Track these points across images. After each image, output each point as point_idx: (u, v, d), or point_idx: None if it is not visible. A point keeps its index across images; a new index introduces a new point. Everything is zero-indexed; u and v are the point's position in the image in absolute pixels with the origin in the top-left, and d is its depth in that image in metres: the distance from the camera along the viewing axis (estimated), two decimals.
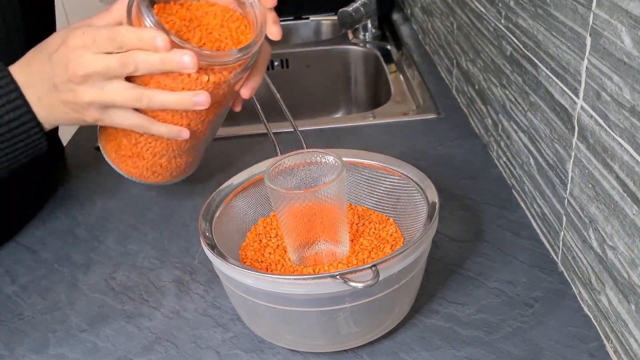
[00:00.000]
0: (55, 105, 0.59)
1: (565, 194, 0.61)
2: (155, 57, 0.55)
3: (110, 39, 0.55)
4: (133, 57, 0.55)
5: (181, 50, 0.55)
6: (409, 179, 0.61)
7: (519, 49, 0.71)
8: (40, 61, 0.58)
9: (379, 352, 0.56)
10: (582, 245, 0.58)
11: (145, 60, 0.55)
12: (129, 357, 0.58)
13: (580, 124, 0.56)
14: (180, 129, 0.60)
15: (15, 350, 0.60)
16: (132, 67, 0.55)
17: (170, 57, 0.55)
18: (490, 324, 0.58)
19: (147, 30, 0.55)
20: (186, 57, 0.54)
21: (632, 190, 0.48)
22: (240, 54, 0.57)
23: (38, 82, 0.58)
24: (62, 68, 0.56)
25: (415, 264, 0.53)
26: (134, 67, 0.55)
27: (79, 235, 0.75)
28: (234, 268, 0.52)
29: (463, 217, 0.73)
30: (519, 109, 0.72)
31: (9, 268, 0.71)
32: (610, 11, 0.48)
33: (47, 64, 0.57)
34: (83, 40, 0.56)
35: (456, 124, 0.95)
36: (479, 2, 0.85)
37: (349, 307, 0.51)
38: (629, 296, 0.50)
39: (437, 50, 1.15)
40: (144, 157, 0.65)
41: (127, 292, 0.66)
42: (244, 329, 0.60)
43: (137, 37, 0.55)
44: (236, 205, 0.63)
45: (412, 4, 1.37)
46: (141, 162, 0.66)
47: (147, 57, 0.55)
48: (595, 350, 0.55)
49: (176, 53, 0.54)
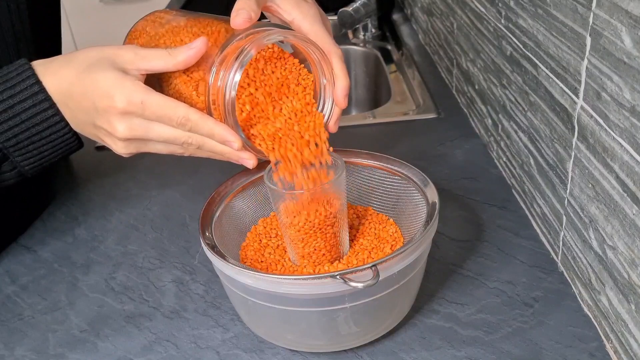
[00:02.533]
0: (88, 132, 0.57)
1: (565, 194, 0.61)
2: (220, 149, 0.53)
3: (180, 124, 0.52)
4: (200, 142, 0.53)
5: (247, 154, 0.53)
6: (409, 179, 0.61)
7: (519, 49, 0.71)
8: (81, 97, 0.54)
9: (379, 352, 0.56)
10: (582, 245, 0.58)
11: (211, 147, 0.53)
12: (129, 357, 0.58)
13: (580, 124, 0.56)
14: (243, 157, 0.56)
15: (15, 350, 0.60)
16: (194, 148, 0.54)
17: (236, 155, 0.53)
18: (490, 324, 0.58)
19: (223, 129, 0.52)
20: (250, 161, 0.54)
21: (632, 190, 0.48)
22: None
23: (76, 110, 0.55)
24: (107, 123, 0.53)
25: (415, 264, 0.53)
26: (196, 149, 0.54)
27: (79, 235, 0.75)
28: (234, 268, 0.52)
29: (463, 217, 0.73)
30: (519, 109, 0.72)
31: (9, 268, 0.71)
32: (610, 11, 0.48)
33: (91, 107, 0.54)
34: (142, 110, 0.52)
35: (456, 124, 0.95)
36: (479, 2, 0.85)
37: (349, 307, 0.51)
38: (629, 296, 0.50)
39: (437, 50, 1.15)
40: None
41: (127, 292, 0.66)
42: (244, 329, 0.60)
43: (211, 132, 0.52)
44: (236, 205, 0.63)
45: (412, 4, 1.37)
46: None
47: (214, 147, 0.53)
48: (595, 350, 0.55)
49: (243, 154, 0.53)
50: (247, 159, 0.54)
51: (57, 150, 0.59)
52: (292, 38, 0.53)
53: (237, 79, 0.50)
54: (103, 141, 0.56)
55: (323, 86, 0.57)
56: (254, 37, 0.51)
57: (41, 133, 0.56)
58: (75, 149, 0.60)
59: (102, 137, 0.55)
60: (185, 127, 0.52)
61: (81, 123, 0.56)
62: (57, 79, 0.55)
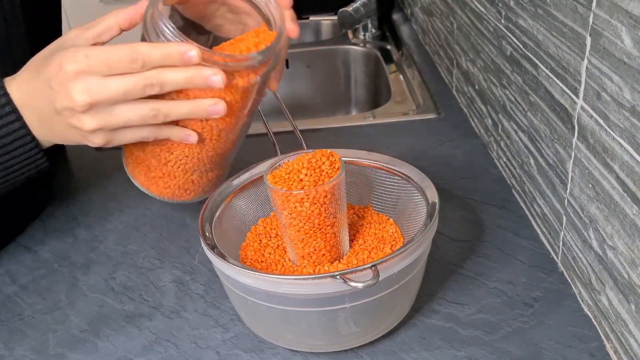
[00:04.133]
0: (57, 129, 0.55)
1: (565, 194, 0.61)
2: (181, 75, 0.51)
3: (131, 60, 0.50)
4: (158, 77, 0.51)
5: (210, 69, 0.52)
6: (409, 179, 0.61)
7: (519, 49, 0.71)
8: (39, 86, 0.53)
9: (379, 352, 0.56)
10: (582, 245, 0.58)
11: (172, 79, 0.51)
12: (129, 357, 0.58)
13: (580, 124, 0.56)
14: (189, 132, 0.57)
15: (15, 350, 0.60)
16: (158, 88, 0.52)
17: (200, 75, 0.51)
18: (490, 324, 0.58)
19: (174, 45, 0.51)
20: (216, 77, 0.52)
21: (632, 190, 0.48)
22: (263, 56, 0.56)
23: (39, 104, 0.54)
24: (64, 95, 0.51)
25: (415, 264, 0.53)
26: (159, 88, 0.52)
27: (79, 235, 0.75)
28: (234, 268, 0.52)
29: (463, 217, 0.73)
30: (519, 109, 0.72)
31: (9, 268, 0.71)
32: (610, 11, 0.48)
33: (47, 89, 0.52)
34: (88, 63, 0.50)
35: (456, 124, 0.95)
36: (479, 2, 0.85)
37: (349, 307, 0.51)
38: (629, 296, 0.50)
39: (437, 50, 1.15)
40: (175, 175, 0.62)
41: (127, 292, 0.66)
42: (244, 329, 0.60)
43: (164, 53, 0.51)
44: (236, 205, 0.63)
45: (412, 4, 1.37)
46: (172, 182, 0.63)
47: (174, 76, 0.51)
48: (595, 350, 0.55)
49: (205, 70, 0.51)
50: (212, 76, 0.52)
51: (24, 168, 0.57)
52: None
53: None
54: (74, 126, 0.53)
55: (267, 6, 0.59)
56: None
57: (7, 147, 0.55)
58: (42, 168, 0.59)
59: (68, 120, 0.53)
60: (138, 63, 0.50)
61: (46, 118, 0.54)
62: (21, 84, 0.55)
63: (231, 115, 0.57)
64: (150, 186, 0.64)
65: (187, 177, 0.63)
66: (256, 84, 0.58)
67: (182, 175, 0.62)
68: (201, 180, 0.64)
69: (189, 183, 0.64)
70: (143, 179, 0.64)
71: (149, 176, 0.63)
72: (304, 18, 1.51)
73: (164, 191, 0.64)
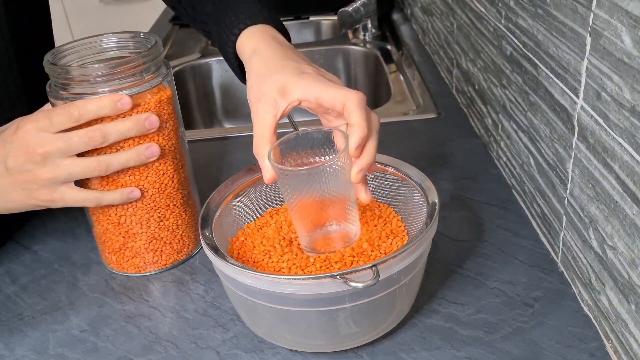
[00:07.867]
0: (4, 190, 0.58)
1: (565, 194, 0.61)
2: (121, 125, 0.57)
3: (70, 115, 0.56)
4: (101, 129, 0.57)
5: (145, 114, 0.58)
6: (409, 179, 0.61)
7: (519, 49, 0.71)
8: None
9: (379, 352, 0.56)
10: (582, 245, 0.58)
11: (115, 130, 0.57)
12: (129, 357, 0.58)
13: (580, 124, 0.56)
14: (131, 189, 0.61)
15: (15, 350, 0.60)
16: (100, 139, 0.57)
17: (141, 124, 0.58)
18: (490, 324, 0.58)
19: (104, 97, 0.57)
20: (149, 120, 0.58)
21: (632, 190, 0.48)
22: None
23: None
24: (19, 149, 0.56)
25: (415, 264, 0.53)
26: (102, 139, 0.57)
27: (79, 235, 0.75)
28: (234, 268, 0.52)
29: (463, 217, 0.73)
30: (519, 109, 0.72)
31: (9, 268, 0.71)
32: (610, 11, 0.48)
33: (1, 148, 0.57)
34: (38, 123, 0.56)
35: (456, 124, 0.95)
36: (479, 2, 0.85)
37: (349, 307, 0.51)
38: (629, 296, 0.50)
39: (437, 50, 1.15)
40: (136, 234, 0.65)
41: (127, 292, 0.66)
42: (244, 329, 0.60)
43: (96, 105, 0.56)
44: (236, 205, 0.63)
45: (412, 4, 1.37)
46: (137, 243, 0.66)
47: (117, 126, 0.57)
48: (595, 350, 0.55)
49: (142, 116, 0.58)
50: (150, 119, 0.59)
51: None
52: None
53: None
54: (24, 180, 0.57)
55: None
56: None
57: None
58: None
59: (20, 175, 0.57)
60: (74, 116, 0.56)
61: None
62: None
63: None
64: (124, 265, 0.68)
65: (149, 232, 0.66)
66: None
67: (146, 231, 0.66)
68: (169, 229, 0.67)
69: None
70: (114, 258, 0.68)
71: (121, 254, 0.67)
72: (304, 18, 1.51)
73: (138, 263, 0.68)
